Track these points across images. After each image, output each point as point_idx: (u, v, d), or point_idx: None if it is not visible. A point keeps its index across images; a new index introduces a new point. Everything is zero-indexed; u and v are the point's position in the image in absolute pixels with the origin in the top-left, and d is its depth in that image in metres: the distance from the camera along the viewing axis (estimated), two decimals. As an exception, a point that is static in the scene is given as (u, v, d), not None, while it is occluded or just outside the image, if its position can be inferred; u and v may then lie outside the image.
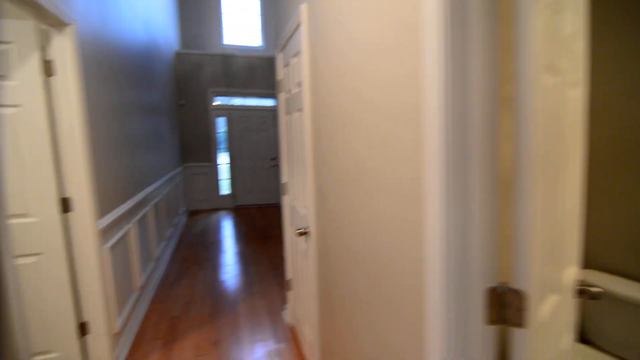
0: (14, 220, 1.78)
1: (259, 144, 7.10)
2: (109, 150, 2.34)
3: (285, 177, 2.59)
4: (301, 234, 1.95)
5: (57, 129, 1.86)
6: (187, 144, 6.69)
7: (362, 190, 1.12)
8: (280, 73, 2.47)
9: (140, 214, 3.00)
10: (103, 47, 2.36)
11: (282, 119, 2.53)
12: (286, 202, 2.61)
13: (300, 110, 1.99)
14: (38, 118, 1.81)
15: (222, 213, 6.56)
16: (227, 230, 5.39)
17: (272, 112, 7.11)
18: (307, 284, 2.08)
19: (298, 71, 1.95)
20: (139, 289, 2.79)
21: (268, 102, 7.31)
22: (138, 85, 3.35)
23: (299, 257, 2.26)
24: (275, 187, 7.28)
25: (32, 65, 1.79)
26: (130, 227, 2.68)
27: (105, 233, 2.15)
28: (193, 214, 6.48)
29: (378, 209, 1.01)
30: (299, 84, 1.97)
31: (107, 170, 2.28)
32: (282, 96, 2.51)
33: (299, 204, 2.20)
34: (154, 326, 2.66)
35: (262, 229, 5.42)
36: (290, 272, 2.64)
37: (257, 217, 6.16)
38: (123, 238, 2.50)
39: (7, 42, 1.75)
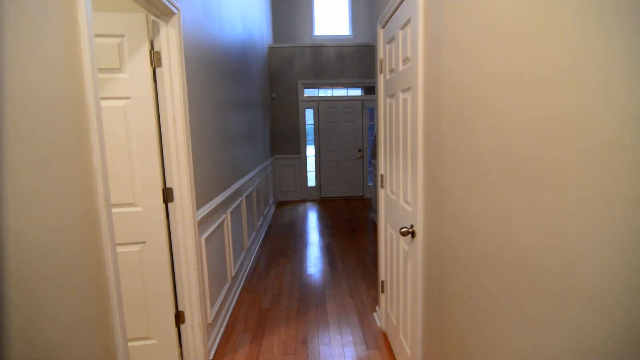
0: (120, 209, 1.84)
1: (346, 135, 6.94)
2: (207, 143, 2.34)
3: (382, 169, 2.34)
4: (405, 233, 1.69)
5: (162, 120, 1.87)
6: (277, 136, 6.82)
7: (519, 182, 0.83)
8: (381, 52, 2.22)
9: (234, 205, 3.02)
10: (204, 39, 2.36)
11: (381, 103, 2.28)
12: (382, 195, 2.36)
13: (406, 90, 1.71)
14: (146, 110, 1.83)
15: (308, 204, 6.57)
16: (313, 222, 5.34)
17: (360, 101, 6.87)
18: (409, 291, 1.82)
19: (407, 44, 1.67)
20: (231, 279, 2.82)
21: (355, 92, 7.08)
22: (235, 80, 3.39)
23: (398, 258, 2.01)
24: (361, 180, 7.06)
25: (142, 57, 1.81)
26: (225, 218, 2.70)
27: (203, 224, 2.15)
28: (280, 204, 6.60)
29: (557, 209, 0.71)
30: (407, 60, 1.70)
31: (205, 163, 2.28)
32: (382, 78, 2.25)
33: (398, 199, 1.94)
34: (243, 317, 2.65)
35: (348, 221, 5.25)
36: (383, 272, 2.40)
37: (343, 210, 6.02)
38: (218, 228, 2.51)
39: (120, 35, 1.79)
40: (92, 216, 1.10)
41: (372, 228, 4.91)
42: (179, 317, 2.00)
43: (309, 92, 6.97)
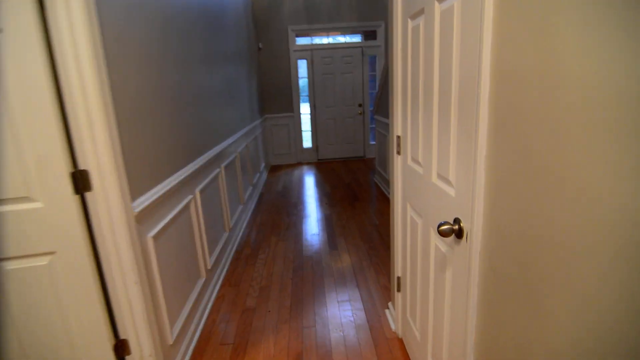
0: (8, 207, 1.21)
1: (344, 88, 6.14)
2: (153, 105, 1.65)
3: (398, 128, 1.68)
4: (447, 232, 1.08)
5: (60, 75, 1.18)
6: (267, 92, 6.04)
7: None
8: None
9: (206, 181, 2.39)
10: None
11: (397, 28, 1.57)
12: (397, 165, 1.72)
13: (451, -4, 1.02)
14: (28, 49, 1.14)
15: (305, 168, 5.93)
16: (310, 188, 4.74)
17: (359, 49, 6.01)
18: (446, 310, 1.24)
19: None
20: (206, 273, 2.25)
21: (354, 39, 6.20)
22: (206, 31, 2.63)
23: (426, 256, 1.41)
24: (361, 139, 6.37)
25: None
26: (191, 200, 2.07)
27: (148, 216, 1.53)
28: (274, 169, 5.97)
29: None
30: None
31: (148, 132, 1.62)
32: (398, -7, 1.53)
33: (430, 174, 1.31)
34: (223, 322, 2.11)
35: (348, 187, 4.65)
36: (400, 267, 1.82)
37: (342, 173, 5.40)
38: (180, 215, 1.90)
39: None
40: None
41: (377, 194, 4.32)
42: (121, 348, 1.43)
43: (301, 41, 6.08)
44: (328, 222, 3.54)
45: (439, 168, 1.22)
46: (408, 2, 1.42)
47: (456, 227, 1.08)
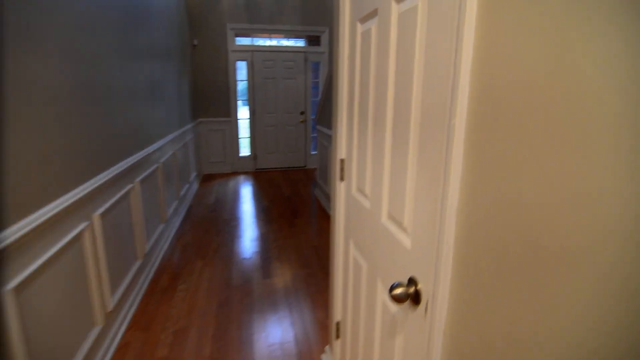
0: None
1: (286, 94, 5.86)
2: (39, 110, 1.22)
3: (341, 149, 1.42)
4: (400, 297, 0.83)
5: None
6: (202, 94, 5.54)
7: None
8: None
9: (113, 199, 1.95)
10: None
11: (344, 32, 1.32)
12: (340, 192, 1.46)
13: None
14: None
15: (241, 178, 5.52)
16: (246, 202, 4.36)
17: (302, 54, 5.77)
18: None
19: None
20: (105, 317, 1.81)
21: (297, 44, 5.96)
22: (122, 22, 2.19)
23: (372, 310, 1.16)
24: (303, 148, 6.13)
25: None
26: (85, 228, 1.63)
27: (12, 258, 1.10)
28: (207, 178, 5.48)
29: None
30: None
31: (27, 142, 1.18)
32: (344, -10, 1.28)
33: (379, 212, 1.06)
34: (124, 380, 1.69)
35: (288, 201, 4.36)
36: (339, 311, 1.56)
37: (282, 185, 5.10)
38: (67, 251, 1.46)
39: None
40: None
41: (317, 209, 4.08)
42: None
43: (241, 41, 5.70)
44: (264, 243, 3.20)
45: (391, 207, 0.98)
46: (358, 2, 1.17)
47: (412, 289, 0.84)
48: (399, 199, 0.92)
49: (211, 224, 3.61)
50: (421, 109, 0.78)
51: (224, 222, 3.66)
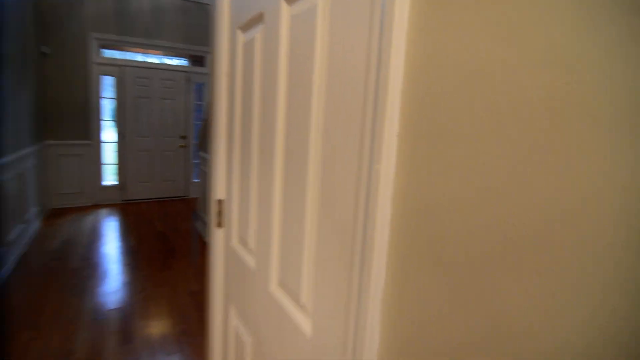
0: None
1: (164, 116, 5.24)
2: None
3: (221, 188, 1.12)
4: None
5: None
6: (52, 111, 4.54)
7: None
8: None
9: None
10: None
11: (221, 47, 1.05)
12: (218, 243, 1.15)
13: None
14: None
15: (104, 212, 4.62)
16: (107, 243, 3.59)
17: (184, 74, 5.29)
18: None
19: None
20: None
21: (179, 62, 5.46)
22: None
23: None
24: (183, 175, 5.52)
25: None
26: None
27: None
28: (56, 215, 4.42)
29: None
30: None
31: None
32: (222, -10, 1.02)
33: (267, 275, 0.79)
34: None
35: (163, 237, 3.75)
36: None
37: (156, 219, 4.42)
38: None
39: None
40: None
41: (198, 246, 3.59)
42: None
43: (109, 54, 4.92)
44: (126, 295, 2.59)
45: (283, 271, 0.72)
46: (238, 7, 0.93)
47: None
48: (294, 260, 0.67)
49: (53, 277, 2.80)
50: (322, 138, 0.56)
51: (72, 273, 2.89)
